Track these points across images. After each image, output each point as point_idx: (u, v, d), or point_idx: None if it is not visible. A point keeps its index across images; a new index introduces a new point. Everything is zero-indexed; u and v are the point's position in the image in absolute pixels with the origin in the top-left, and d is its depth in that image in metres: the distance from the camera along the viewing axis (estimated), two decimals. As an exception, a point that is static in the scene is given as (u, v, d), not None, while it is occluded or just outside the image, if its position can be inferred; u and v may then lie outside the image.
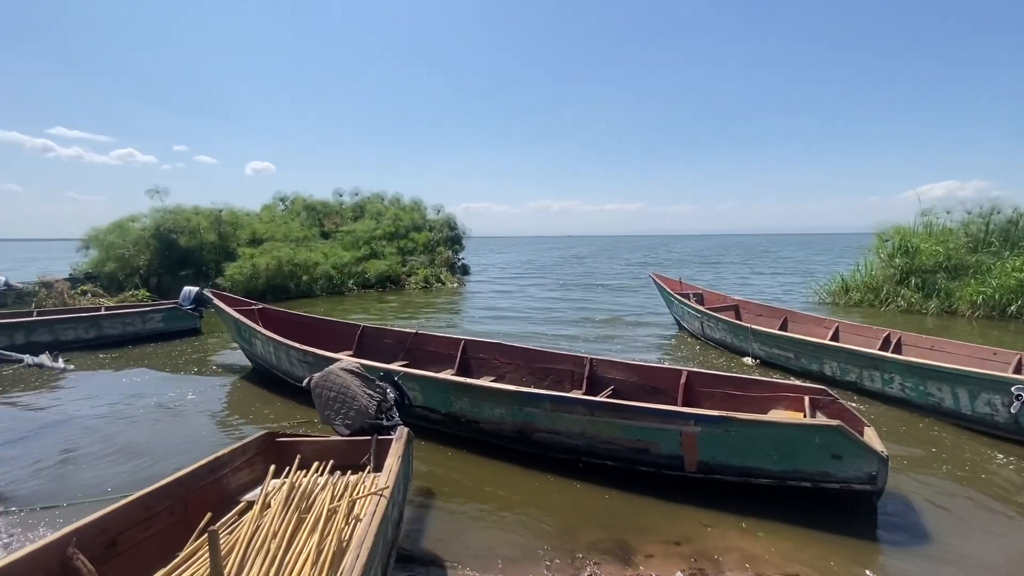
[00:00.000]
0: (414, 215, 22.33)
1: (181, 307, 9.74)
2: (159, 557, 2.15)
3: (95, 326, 9.14)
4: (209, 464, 2.52)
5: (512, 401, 4.32)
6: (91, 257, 15.70)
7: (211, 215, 16.63)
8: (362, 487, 2.35)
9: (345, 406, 3.01)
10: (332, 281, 16.73)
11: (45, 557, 1.82)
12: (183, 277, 14.67)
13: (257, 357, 7.22)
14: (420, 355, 6.82)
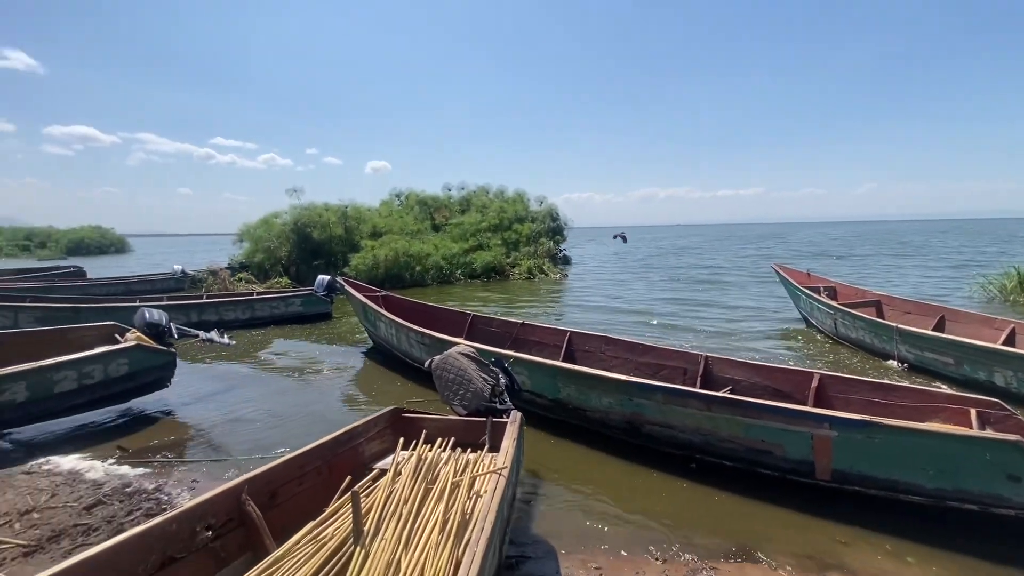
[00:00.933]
0: (517, 207, 22.71)
1: (316, 293, 10.94)
2: (308, 510, 2.45)
3: (249, 308, 10.61)
4: (347, 433, 2.82)
5: (622, 391, 4.25)
6: (244, 249, 18.19)
7: (339, 211, 18.39)
8: (481, 465, 2.48)
9: (462, 388, 3.18)
10: (441, 271, 17.65)
11: (226, 500, 2.17)
12: (316, 267, 16.43)
13: (380, 338, 7.89)
14: (526, 344, 6.96)
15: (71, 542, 3.09)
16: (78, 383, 4.88)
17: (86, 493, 3.70)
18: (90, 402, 5.06)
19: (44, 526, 3.26)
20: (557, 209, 23.19)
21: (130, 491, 3.72)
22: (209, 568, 2.06)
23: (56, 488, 3.78)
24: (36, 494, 3.68)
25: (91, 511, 3.44)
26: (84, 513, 3.41)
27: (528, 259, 19.72)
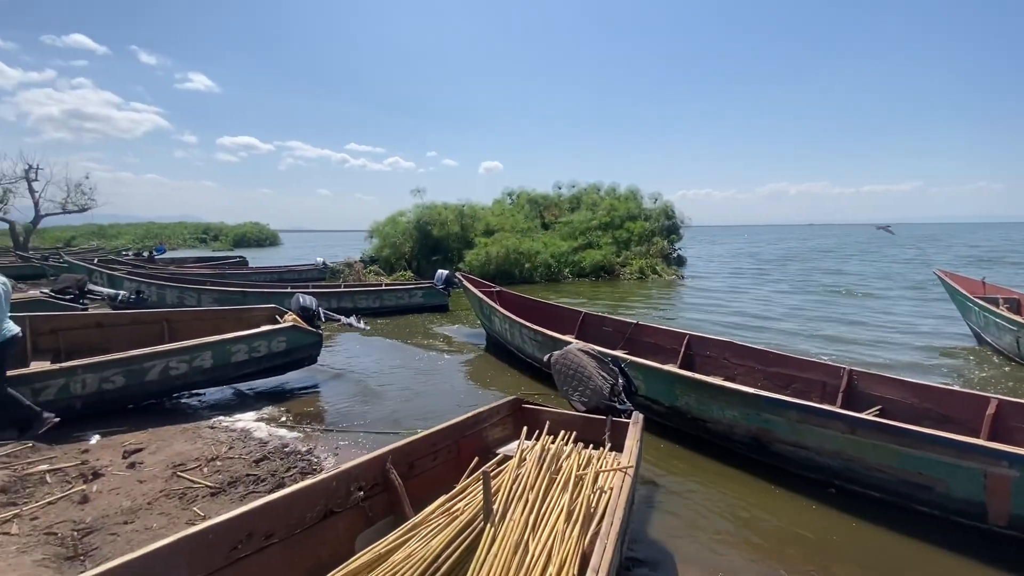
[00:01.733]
0: (629, 204, 22.12)
1: (435, 286, 11.69)
2: (440, 485, 2.66)
3: (378, 298, 11.67)
4: (473, 417, 3.01)
5: (749, 404, 3.97)
6: (373, 244, 19.96)
7: (456, 210, 19.42)
8: (604, 461, 2.50)
9: (582, 384, 3.22)
10: (550, 269, 17.83)
11: (374, 466, 2.44)
12: (434, 262, 17.53)
13: (495, 332, 8.22)
14: (639, 346, 6.79)
15: (245, 488, 3.67)
16: (248, 355, 5.75)
17: (255, 449, 4.36)
18: (256, 372, 5.94)
19: (224, 473, 3.90)
20: (673, 207, 22.18)
21: (288, 451, 4.31)
22: (359, 524, 2.34)
23: (232, 442, 4.50)
24: (218, 446, 4.41)
25: (259, 464, 4.04)
26: (253, 465, 4.02)
27: (639, 259, 19.15)
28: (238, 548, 1.92)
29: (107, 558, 2.76)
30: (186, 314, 6.60)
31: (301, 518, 2.11)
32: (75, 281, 7.82)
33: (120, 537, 2.98)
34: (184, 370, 5.26)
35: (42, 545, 2.84)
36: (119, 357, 4.90)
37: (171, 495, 3.48)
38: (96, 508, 3.28)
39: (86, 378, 4.67)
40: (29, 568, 2.58)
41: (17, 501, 3.33)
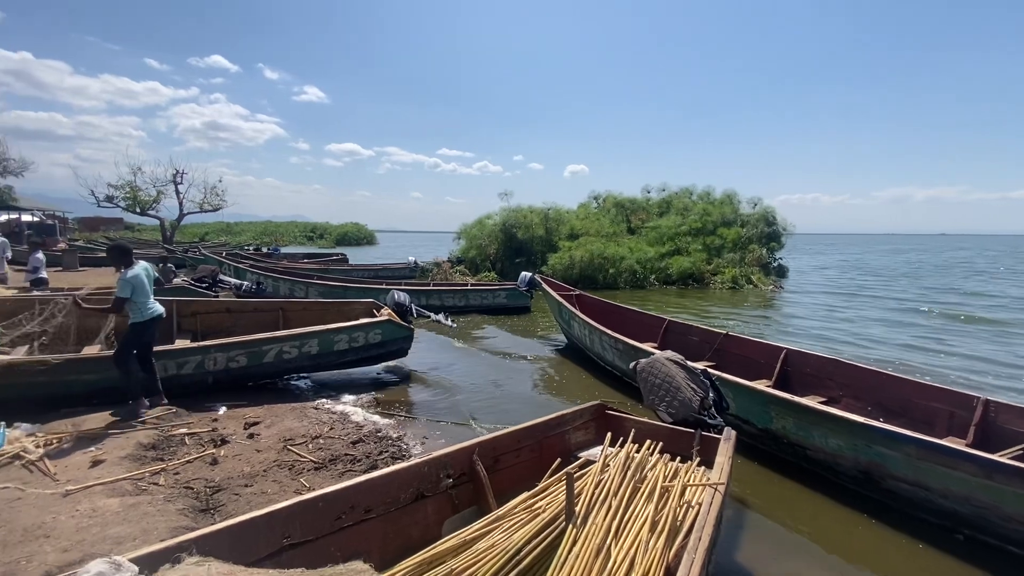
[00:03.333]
0: (724, 209, 20.92)
1: (519, 288, 11.89)
2: (521, 481, 2.73)
3: (464, 297, 12.10)
4: (557, 419, 3.05)
5: (858, 435, 3.60)
6: (460, 245, 20.69)
7: (541, 213, 19.58)
8: (693, 475, 2.42)
9: (669, 395, 3.14)
10: (635, 275, 17.37)
11: (462, 456, 2.57)
12: (518, 264, 17.80)
13: (573, 337, 8.20)
14: (729, 358, 6.43)
15: (343, 466, 4.00)
16: (348, 344, 6.23)
17: (352, 431, 4.73)
18: (354, 360, 6.43)
19: (326, 450, 4.27)
20: (774, 212, 20.64)
21: (381, 436, 4.63)
22: (447, 510, 2.47)
23: (333, 423, 4.91)
24: (321, 425, 4.84)
25: (355, 446, 4.38)
26: (351, 446, 4.37)
27: (733, 267, 18.06)
28: (342, 518, 2.12)
29: (232, 514, 3.15)
30: (297, 304, 7.30)
31: (396, 497, 2.28)
32: (209, 272, 8.97)
33: (241, 497, 3.38)
34: (295, 355, 5.83)
35: (182, 497, 3.30)
36: (243, 340, 5.55)
37: (282, 465, 3.88)
38: (223, 470, 3.75)
39: (217, 356, 5.34)
40: (173, 515, 3.02)
41: (163, 457, 3.90)
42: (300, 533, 1.99)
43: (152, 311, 4.72)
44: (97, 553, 2.59)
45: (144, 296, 4.65)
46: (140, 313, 4.64)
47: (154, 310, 4.75)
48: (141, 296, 4.63)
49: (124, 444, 3.99)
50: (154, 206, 26.11)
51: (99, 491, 3.25)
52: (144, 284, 4.66)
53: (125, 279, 4.53)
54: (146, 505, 3.09)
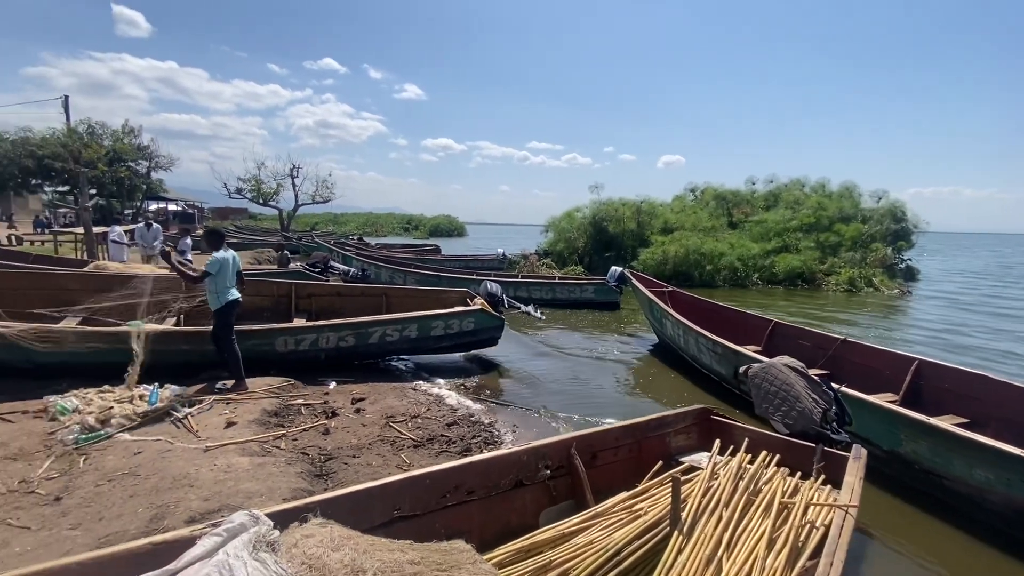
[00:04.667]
0: (843, 203, 18.88)
1: (607, 283, 11.63)
2: (619, 480, 2.66)
3: (551, 290, 12.08)
4: (657, 420, 2.92)
5: (1014, 468, 3.06)
6: (548, 238, 20.66)
7: (633, 206, 18.98)
8: (817, 494, 2.20)
9: (787, 404, 2.88)
10: (735, 273, 16.28)
11: (559, 449, 2.55)
12: (607, 258, 17.43)
13: (665, 336, 7.85)
14: (847, 368, 5.79)
15: (439, 447, 4.16)
16: (444, 331, 6.47)
17: (447, 414, 4.91)
18: (448, 346, 6.67)
19: (423, 430, 4.47)
20: (904, 207, 18.26)
21: (474, 420, 4.76)
22: (543, 501, 2.47)
23: (430, 404, 5.13)
24: (418, 406, 5.08)
25: (450, 428, 4.54)
26: (446, 428, 4.53)
27: (851, 267, 16.27)
28: (446, 496, 2.19)
29: (342, 482, 3.41)
30: (399, 291, 7.72)
31: (496, 482, 2.32)
32: (322, 258, 9.77)
33: (350, 467, 3.64)
34: (396, 338, 6.17)
35: (299, 461, 3.63)
36: (352, 321, 5.97)
37: (384, 441, 4.12)
38: (334, 440, 4.07)
39: (329, 335, 5.80)
40: (293, 477, 3.32)
41: (284, 424, 4.31)
42: (409, 507, 2.08)
43: (229, 296, 5.02)
44: (232, 504, 2.92)
45: (224, 281, 4.98)
46: (217, 300, 4.96)
47: (232, 295, 5.04)
48: (221, 280, 4.96)
49: (252, 409, 4.46)
50: (274, 197, 28.97)
51: (232, 449, 3.67)
52: (227, 269, 5.01)
53: (215, 258, 4.95)
54: (270, 466, 3.43)
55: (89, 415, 3.85)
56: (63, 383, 4.60)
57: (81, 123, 26.51)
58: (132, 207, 29.42)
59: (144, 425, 3.98)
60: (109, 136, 27.96)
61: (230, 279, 5.09)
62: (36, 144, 25.86)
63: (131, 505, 2.88)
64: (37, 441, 3.61)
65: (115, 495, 2.99)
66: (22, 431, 3.75)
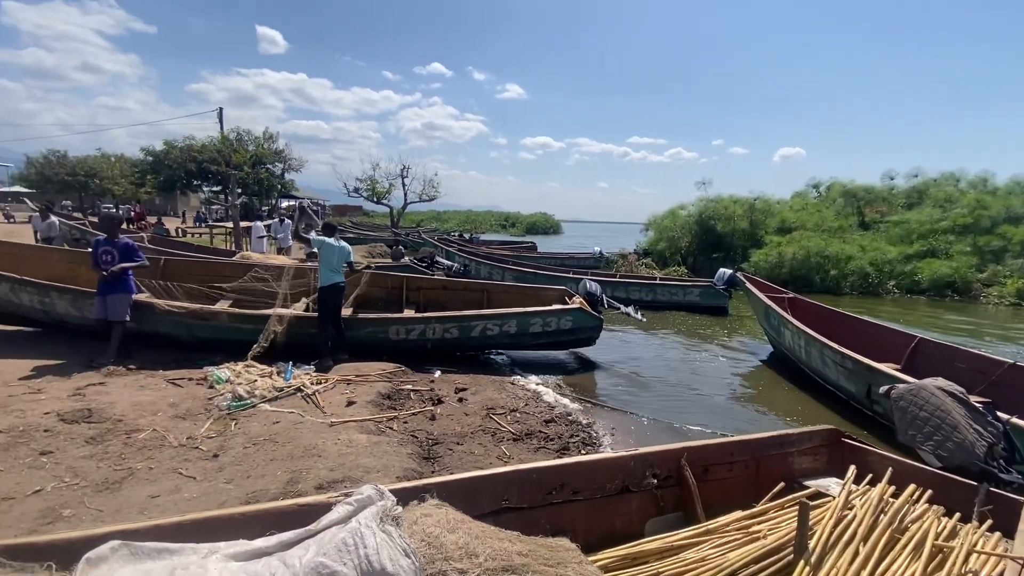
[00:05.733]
0: (1011, 201, 15.98)
1: (715, 286, 10.95)
2: (732, 497, 2.49)
3: (651, 291, 11.65)
4: (778, 438, 2.70)
5: None
6: (648, 237, 19.96)
7: (745, 203, 17.67)
8: (983, 540, 1.89)
9: (940, 433, 2.50)
10: (867, 279, 14.50)
11: (668, 458, 2.46)
12: (714, 259, 16.42)
13: (782, 346, 7.20)
14: (1013, 396, 4.91)
15: (537, 442, 4.20)
16: (542, 328, 6.53)
17: (544, 410, 4.95)
18: (546, 344, 6.72)
19: (521, 424, 4.55)
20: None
21: (571, 420, 4.75)
22: (650, 510, 2.39)
23: (528, 400, 5.21)
24: (516, 400, 5.18)
25: (547, 425, 4.57)
26: (544, 425, 4.57)
27: (1021, 277, 13.74)
28: (552, 493, 2.21)
29: (447, 467, 3.58)
30: (499, 287, 7.93)
31: (602, 485, 2.29)
32: (428, 254, 10.34)
33: (454, 453, 3.82)
34: (496, 332, 6.35)
35: (410, 443, 3.87)
36: (457, 315, 6.26)
37: (486, 431, 4.26)
38: (439, 426, 4.29)
39: (435, 327, 6.12)
40: (404, 457, 3.55)
41: (395, 407, 4.63)
42: (516, 499, 2.13)
43: (328, 280, 5.60)
44: (353, 477, 3.20)
45: (327, 264, 5.62)
46: (321, 280, 5.66)
47: (332, 279, 5.61)
48: (325, 263, 5.62)
49: (368, 391, 4.84)
50: (387, 196, 31.14)
51: (352, 426, 4.01)
52: (331, 253, 5.63)
53: (322, 239, 5.72)
54: (385, 445, 3.70)
55: (239, 386, 4.43)
56: (217, 356, 5.35)
57: (231, 131, 30.56)
58: (268, 204, 33.33)
59: (280, 398, 4.49)
60: (252, 142, 31.93)
61: (334, 265, 5.66)
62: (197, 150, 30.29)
63: (272, 467, 3.27)
64: (199, 404, 4.23)
65: (259, 457, 3.41)
66: (188, 395, 4.42)
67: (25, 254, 6.79)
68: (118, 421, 3.79)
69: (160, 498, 2.89)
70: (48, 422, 3.69)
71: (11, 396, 4.13)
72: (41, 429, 3.58)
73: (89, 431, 3.61)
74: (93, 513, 2.73)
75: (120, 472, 3.13)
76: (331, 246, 5.68)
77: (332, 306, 5.64)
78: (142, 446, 3.47)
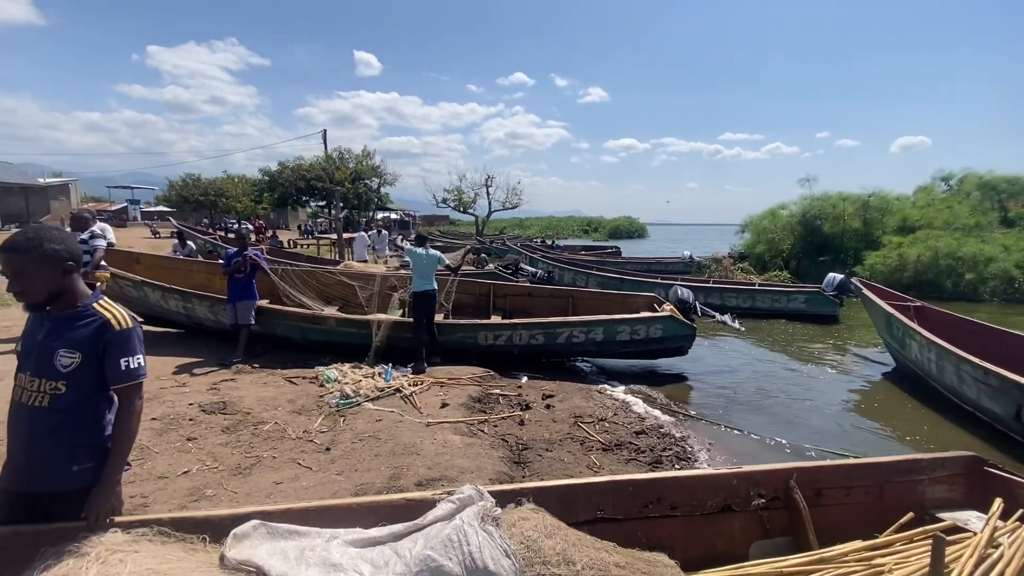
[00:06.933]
0: None
1: (823, 292, 10.04)
2: (850, 525, 2.28)
3: (750, 297, 10.93)
4: (907, 463, 2.43)
5: None
6: (744, 240, 18.73)
7: (858, 201, 16.01)
8: None
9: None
10: (1012, 284, 12.51)
11: (776, 478, 2.30)
12: (821, 263, 15.04)
13: (907, 360, 6.43)
14: None
15: (628, 454, 4.12)
16: (629, 336, 6.39)
17: (634, 421, 4.84)
18: (633, 352, 6.56)
19: (610, 434, 4.48)
20: None
21: (663, 432, 4.59)
22: (755, 532, 2.26)
23: (616, 409, 5.12)
24: (604, 409, 5.10)
25: (638, 436, 4.46)
26: (634, 436, 4.47)
27: None
28: (649, 507, 2.16)
29: (537, 472, 3.63)
30: (585, 293, 7.88)
31: (702, 502, 2.20)
32: (513, 260, 10.53)
33: (543, 460, 3.85)
34: (582, 339, 6.31)
35: (500, 447, 3.97)
36: (543, 321, 6.32)
37: (574, 439, 4.25)
38: (528, 431, 4.35)
39: (522, 333, 6.22)
40: (496, 460, 3.65)
41: (485, 410, 4.77)
42: (612, 509, 2.12)
43: (419, 287, 5.90)
44: (449, 476, 3.35)
45: (417, 272, 5.95)
46: (412, 287, 6.00)
47: (421, 287, 5.90)
48: (416, 271, 5.96)
49: (460, 394, 5.04)
50: (472, 205, 32.19)
51: (447, 427, 4.20)
52: (419, 263, 5.95)
53: (408, 251, 6.27)
54: (477, 447, 3.83)
55: (345, 385, 4.82)
56: (326, 357, 5.85)
57: (334, 150, 33.34)
58: (366, 216, 35.84)
59: (381, 398, 4.81)
60: (352, 159, 34.54)
61: (423, 273, 5.97)
62: (305, 169, 33.35)
63: (376, 463, 3.52)
64: (312, 401, 4.66)
65: (365, 452, 3.68)
66: (303, 392, 4.87)
67: (170, 266, 7.88)
68: (247, 414, 4.28)
69: (282, 485, 3.22)
70: (192, 412, 4.26)
71: (162, 388, 4.82)
72: (187, 418, 4.14)
73: (224, 421, 4.12)
74: (229, 494, 3.11)
75: (250, 459, 3.53)
76: (420, 255, 6.01)
77: (425, 311, 5.94)
78: (266, 436, 3.89)
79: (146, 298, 6.45)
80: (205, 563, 1.59)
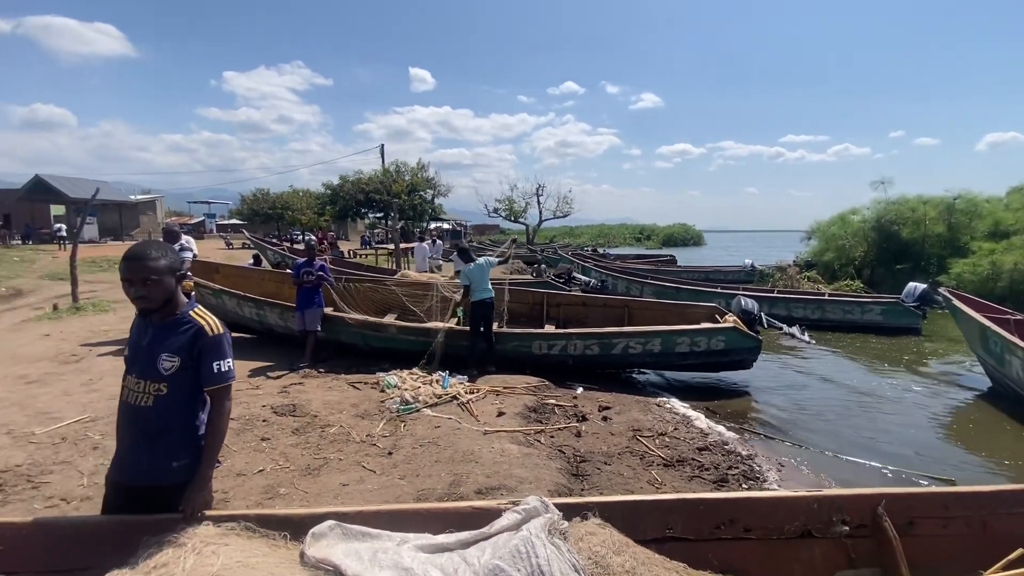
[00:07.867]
0: None
1: (903, 303, 9.30)
2: (948, 559, 2.08)
3: (819, 308, 10.30)
4: (1014, 494, 2.19)
5: None
6: (811, 247, 17.71)
7: (941, 204, 14.76)
8: None
9: None
10: None
11: (862, 504, 2.14)
12: (898, 271, 13.97)
13: (1007, 378, 5.82)
14: None
15: (691, 471, 3.96)
16: (689, 348, 6.17)
17: (697, 436, 4.66)
18: (694, 365, 6.33)
19: (672, 449, 4.33)
20: None
21: (728, 449, 4.39)
22: (838, 561, 2.11)
23: (677, 424, 4.95)
24: (664, 423, 4.94)
25: (701, 453, 4.28)
26: (697, 452, 4.29)
27: None
28: (720, 528, 2.07)
29: (595, 485, 3.56)
30: (641, 303, 7.72)
31: (779, 526, 2.08)
32: (566, 269, 10.48)
33: (602, 473, 3.77)
34: (639, 351, 6.17)
35: (558, 458, 3.93)
36: (599, 331, 6.22)
37: (634, 453, 4.14)
38: (585, 443, 4.28)
39: (576, 343, 6.16)
40: (554, 472, 3.62)
41: (541, 420, 4.74)
42: (681, 529, 2.04)
43: (480, 295, 6.01)
44: (507, 485, 3.35)
45: (478, 284, 6.04)
46: (472, 295, 6.05)
47: (482, 295, 6.02)
48: (475, 284, 6.04)
49: (515, 403, 5.05)
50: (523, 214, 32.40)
51: (504, 436, 4.21)
52: (478, 275, 6.05)
53: (464, 272, 6.20)
54: (535, 457, 3.82)
55: (405, 391, 4.95)
56: (386, 363, 6.04)
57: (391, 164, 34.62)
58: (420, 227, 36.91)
59: (439, 405, 4.90)
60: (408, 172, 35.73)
61: (480, 282, 6.09)
62: (364, 182, 34.82)
63: (436, 468, 3.58)
64: (374, 406, 4.81)
65: (425, 457, 3.76)
66: (365, 397, 5.05)
67: (244, 275, 8.42)
68: (314, 416, 4.48)
69: (349, 486, 3.34)
70: (265, 413, 4.51)
71: (238, 391, 5.12)
72: (260, 419, 4.38)
73: (294, 423, 4.33)
74: (300, 494, 3.26)
75: (318, 460, 3.69)
76: (473, 271, 6.15)
77: (481, 320, 6.01)
78: (333, 439, 4.05)
79: (224, 305, 6.91)
80: (287, 559, 1.67)
